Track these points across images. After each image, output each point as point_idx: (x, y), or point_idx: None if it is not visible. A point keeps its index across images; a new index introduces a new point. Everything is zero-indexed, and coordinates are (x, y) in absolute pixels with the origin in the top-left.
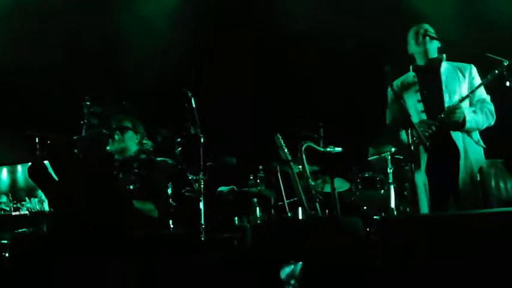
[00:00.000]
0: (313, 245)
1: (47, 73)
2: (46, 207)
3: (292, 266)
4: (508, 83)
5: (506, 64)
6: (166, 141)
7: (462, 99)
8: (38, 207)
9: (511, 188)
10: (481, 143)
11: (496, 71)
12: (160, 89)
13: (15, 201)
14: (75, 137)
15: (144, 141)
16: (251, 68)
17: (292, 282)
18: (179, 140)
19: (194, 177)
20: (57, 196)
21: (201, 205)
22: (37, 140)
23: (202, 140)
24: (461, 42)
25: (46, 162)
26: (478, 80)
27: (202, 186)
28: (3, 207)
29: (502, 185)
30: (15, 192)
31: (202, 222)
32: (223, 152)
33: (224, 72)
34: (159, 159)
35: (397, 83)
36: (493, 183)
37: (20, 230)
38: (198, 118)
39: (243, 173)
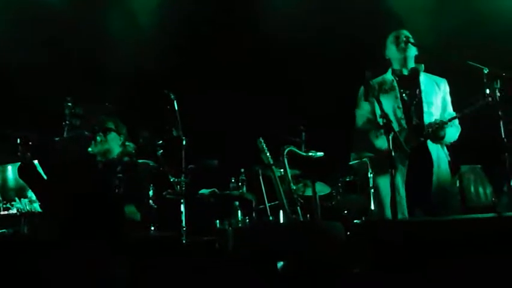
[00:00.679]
0: (294, 248)
1: (28, 72)
2: (37, 207)
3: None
4: (488, 91)
5: (486, 72)
6: (148, 143)
7: (451, 119)
8: (28, 208)
9: (490, 193)
10: (448, 156)
11: (479, 103)
12: (142, 91)
13: (4, 202)
14: (56, 138)
15: (127, 143)
16: (234, 70)
17: None
18: (161, 142)
19: (176, 180)
20: (46, 195)
21: (182, 207)
22: (19, 141)
23: (184, 142)
24: (440, 50)
25: (35, 162)
26: (449, 96)
27: (183, 188)
28: None
29: (481, 190)
30: (5, 192)
31: (183, 224)
32: (205, 155)
33: (206, 74)
34: (140, 161)
35: (373, 83)
36: (472, 188)
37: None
38: (180, 120)
39: (224, 176)
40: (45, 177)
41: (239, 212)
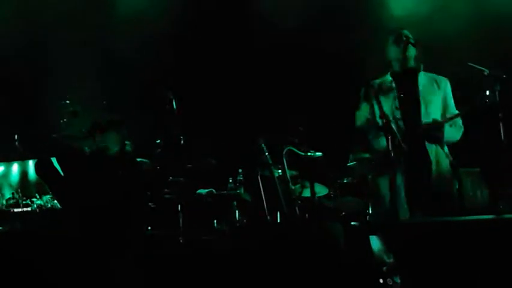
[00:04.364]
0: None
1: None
2: (58, 204)
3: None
4: (487, 92)
5: (486, 74)
6: (146, 143)
7: (448, 119)
8: (49, 205)
9: (487, 196)
10: (450, 156)
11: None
12: (141, 90)
13: (24, 198)
14: (54, 135)
15: (125, 142)
16: (233, 70)
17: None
18: (159, 141)
19: (173, 179)
20: (63, 191)
21: (180, 207)
22: (16, 137)
23: (182, 141)
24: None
25: (52, 158)
26: (450, 95)
27: (181, 188)
28: (11, 202)
29: (478, 193)
30: (25, 188)
31: (181, 224)
32: (203, 155)
33: (205, 74)
34: (138, 160)
35: (373, 83)
36: (470, 191)
37: None
38: (179, 120)
39: (222, 176)
40: (61, 173)
41: (237, 212)
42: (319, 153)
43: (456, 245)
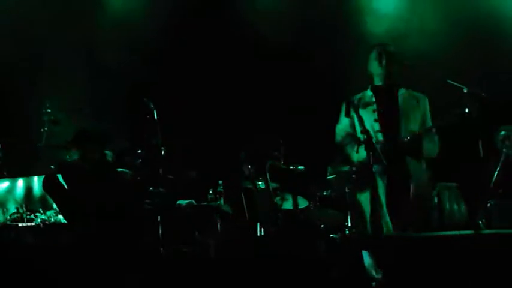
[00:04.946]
0: None
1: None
2: (61, 219)
3: None
4: (467, 110)
5: (465, 91)
6: (126, 152)
7: (426, 131)
8: (53, 219)
9: (464, 210)
10: (428, 170)
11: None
12: (122, 100)
13: (28, 213)
14: (39, 145)
15: (105, 152)
16: (215, 82)
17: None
18: (140, 151)
19: (153, 190)
20: (69, 206)
21: (159, 218)
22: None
23: (163, 152)
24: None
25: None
26: (428, 112)
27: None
28: (15, 217)
29: (456, 207)
30: (29, 203)
31: (160, 235)
32: (184, 166)
33: (186, 85)
34: (118, 170)
35: (353, 98)
36: (447, 206)
37: None
38: (160, 130)
39: (202, 187)
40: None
41: (219, 224)
42: (301, 167)
43: (436, 260)
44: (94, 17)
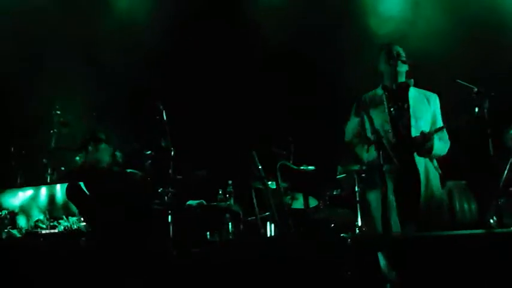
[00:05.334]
0: None
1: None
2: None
3: None
4: (476, 109)
5: (475, 91)
6: (136, 153)
7: (436, 131)
8: (75, 226)
9: (475, 209)
10: (439, 169)
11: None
12: (131, 101)
13: (51, 220)
14: (49, 148)
15: (116, 153)
16: (224, 82)
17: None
18: (149, 152)
19: (163, 190)
20: (93, 214)
21: (170, 218)
22: (12, 149)
23: (172, 153)
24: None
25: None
26: (439, 111)
27: (171, 199)
28: (40, 225)
29: (466, 206)
30: (53, 210)
31: (171, 235)
32: (193, 166)
33: (196, 86)
34: (128, 170)
35: (364, 97)
36: (458, 205)
37: None
38: (169, 131)
39: (212, 188)
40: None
41: (230, 224)
42: (311, 167)
43: (447, 259)
44: (99, 19)
